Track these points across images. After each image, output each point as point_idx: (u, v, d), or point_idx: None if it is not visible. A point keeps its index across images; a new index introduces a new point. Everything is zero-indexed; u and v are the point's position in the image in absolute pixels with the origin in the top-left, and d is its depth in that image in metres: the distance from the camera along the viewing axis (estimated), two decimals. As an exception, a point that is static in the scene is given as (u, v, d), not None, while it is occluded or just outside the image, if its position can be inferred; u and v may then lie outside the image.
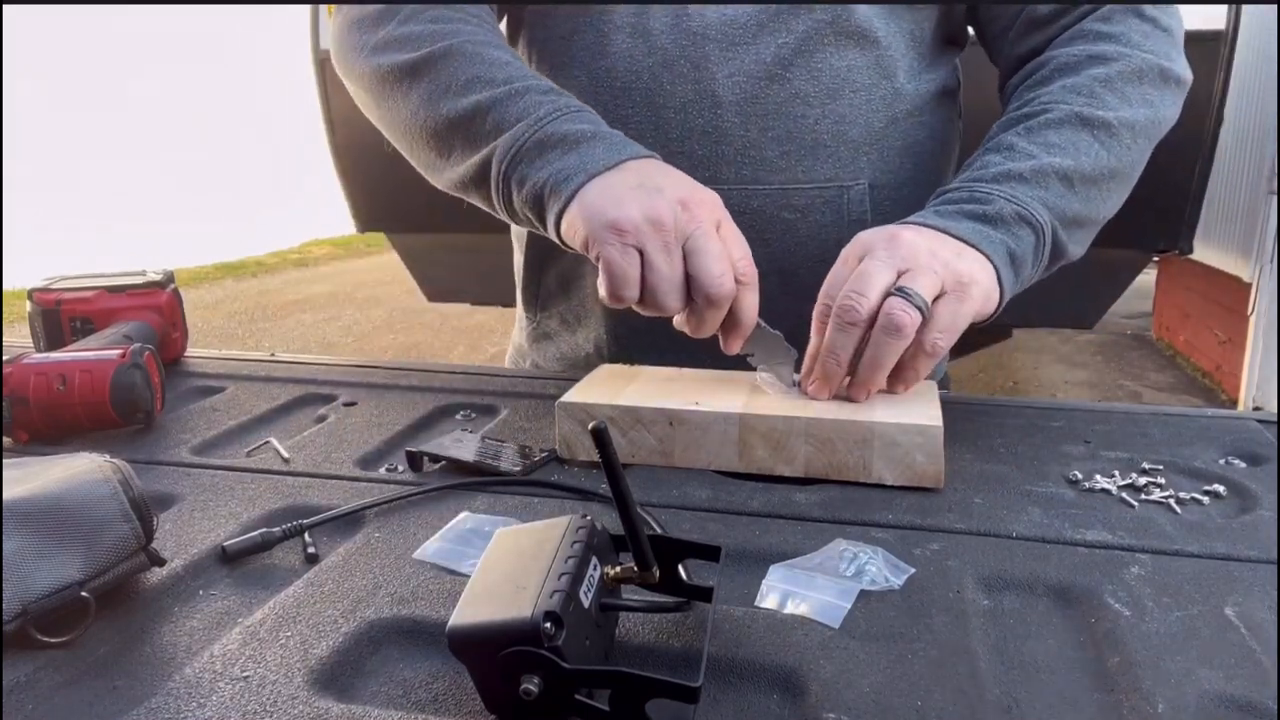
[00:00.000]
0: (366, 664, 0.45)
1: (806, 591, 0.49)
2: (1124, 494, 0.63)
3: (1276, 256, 4.02)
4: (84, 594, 0.46)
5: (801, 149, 0.83)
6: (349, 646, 0.45)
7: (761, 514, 0.60)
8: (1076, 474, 0.66)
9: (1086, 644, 0.46)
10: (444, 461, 0.67)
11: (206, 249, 9.38)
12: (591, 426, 0.41)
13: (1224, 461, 0.69)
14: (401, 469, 0.68)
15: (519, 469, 0.66)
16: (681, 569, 0.46)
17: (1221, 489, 0.64)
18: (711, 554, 0.46)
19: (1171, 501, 0.62)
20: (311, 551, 0.55)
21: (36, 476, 0.50)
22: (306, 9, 2.75)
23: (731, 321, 0.68)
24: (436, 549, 0.55)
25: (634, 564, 0.44)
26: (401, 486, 0.64)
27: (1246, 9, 2.35)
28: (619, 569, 0.45)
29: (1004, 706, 0.41)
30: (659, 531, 0.57)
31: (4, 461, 0.52)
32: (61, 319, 0.90)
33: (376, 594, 0.50)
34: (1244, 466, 0.68)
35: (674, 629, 0.46)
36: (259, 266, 9.53)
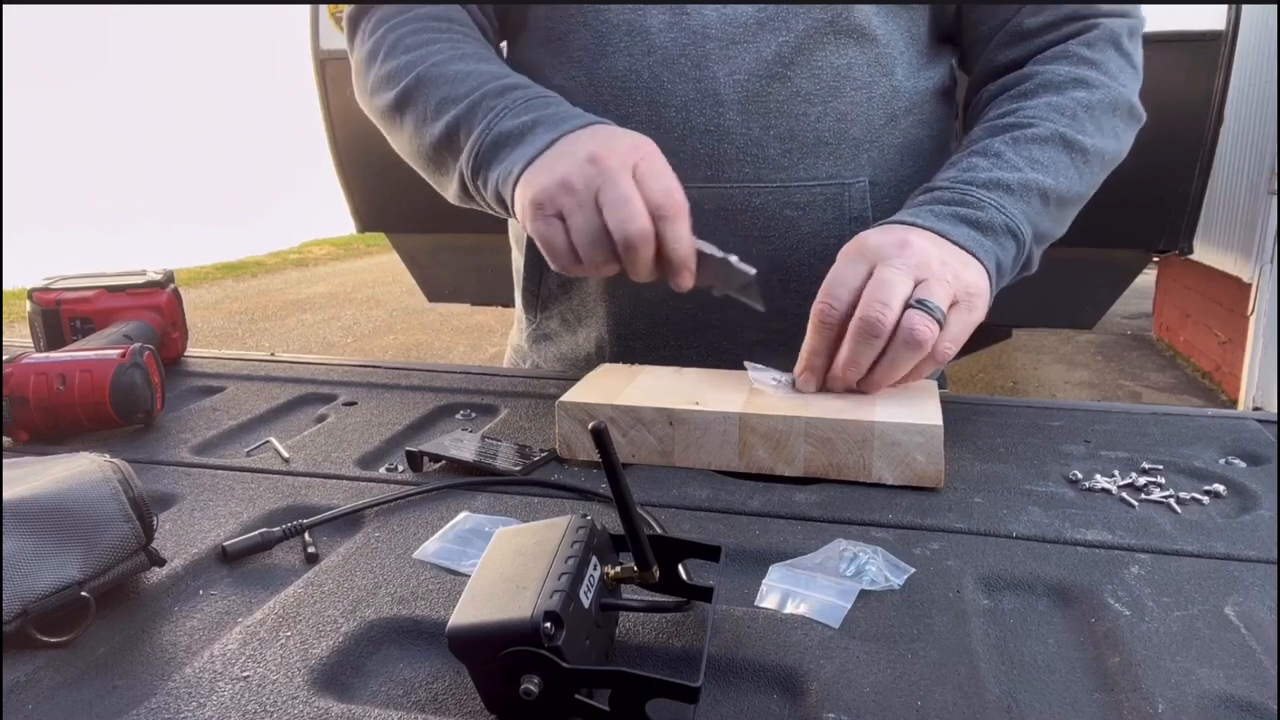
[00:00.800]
0: (366, 664, 0.45)
1: (806, 591, 0.49)
2: (1124, 494, 0.63)
3: (1276, 256, 4.02)
4: (84, 594, 0.46)
5: (803, 147, 0.83)
6: (349, 646, 0.45)
7: (761, 514, 0.60)
8: (1076, 474, 0.66)
9: (1086, 644, 0.46)
10: (444, 461, 0.67)
11: (206, 249, 9.39)
12: (591, 426, 0.41)
13: (1224, 461, 0.69)
14: (401, 469, 0.68)
15: (519, 469, 0.66)
16: (681, 569, 0.46)
17: (1221, 489, 0.64)
18: (711, 554, 0.46)
19: (1171, 501, 0.62)
20: (311, 551, 0.55)
21: (36, 476, 0.50)
22: (306, 9, 2.75)
23: (664, 258, 0.68)
24: (436, 549, 0.55)
25: (634, 564, 0.44)
26: (401, 486, 0.64)
27: (1246, 9, 2.35)
28: (619, 569, 0.45)
29: (1004, 706, 0.41)
30: (659, 531, 0.57)
31: (4, 461, 0.52)
32: (61, 319, 0.90)
33: (376, 594, 0.50)
34: (1244, 466, 0.68)
35: (674, 629, 0.46)
36: (259, 266, 9.53)
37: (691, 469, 0.67)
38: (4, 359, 0.73)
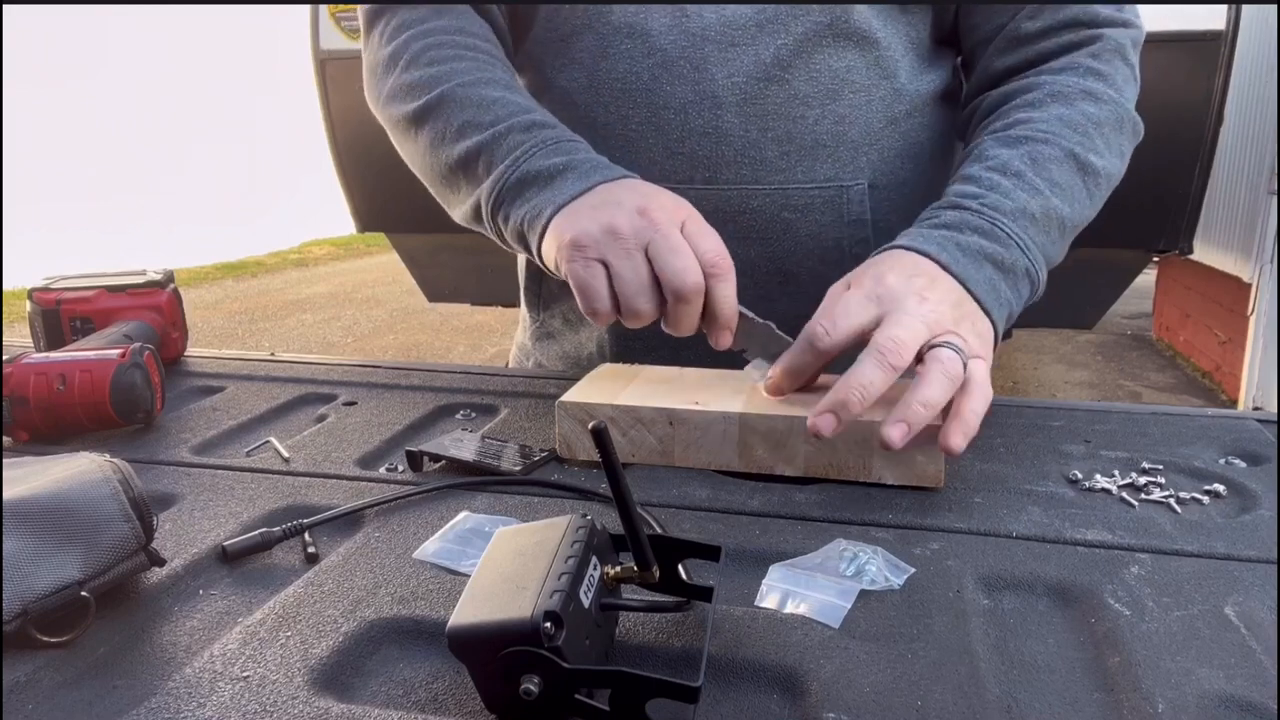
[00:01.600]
0: (366, 664, 0.45)
1: (806, 591, 0.49)
2: (1124, 494, 0.63)
3: (1276, 256, 4.02)
4: (84, 594, 0.46)
5: (801, 149, 0.83)
6: (349, 646, 0.45)
7: (761, 514, 0.60)
8: (1076, 474, 0.66)
9: (1086, 644, 0.46)
10: (444, 461, 0.67)
11: (206, 249, 9.39)
12: (591, 426, 0.41)
13: (1224, 461, 0.69)
14: (401, 469, 0.68)
15: (519, 469, 0.66)
16: (681, 569, 0.46)
17: (1221, 489, 0.64)
18: (711, 554, 0.46)
19: (1171, 501, 0.62)
20: (311, 551, 0.55)
21: (36, 476, 0.50)
22: (306, 9, 2.75)
23: (710, 315, 0.67)
24: (436, 549, 0.55)
25: (634, 564, 0.44)
26: (401, 486, 0.64)
27: (1246, 9, 2.35)
28: (619, 569, 0.45)
29: (1004, 706, 0.41)
30: (659, 531, 0.57)
31: (4, 461, 0.52)
32: (61, 319, 0.90)
33: (376, 594, 0.50)
34: (1244, 466, 0.68)
35: (674, 629, 0.46)
36: (259, 266, 9.53)
37: (691, 469, 0.67)
38: (4, 359, 0.73)
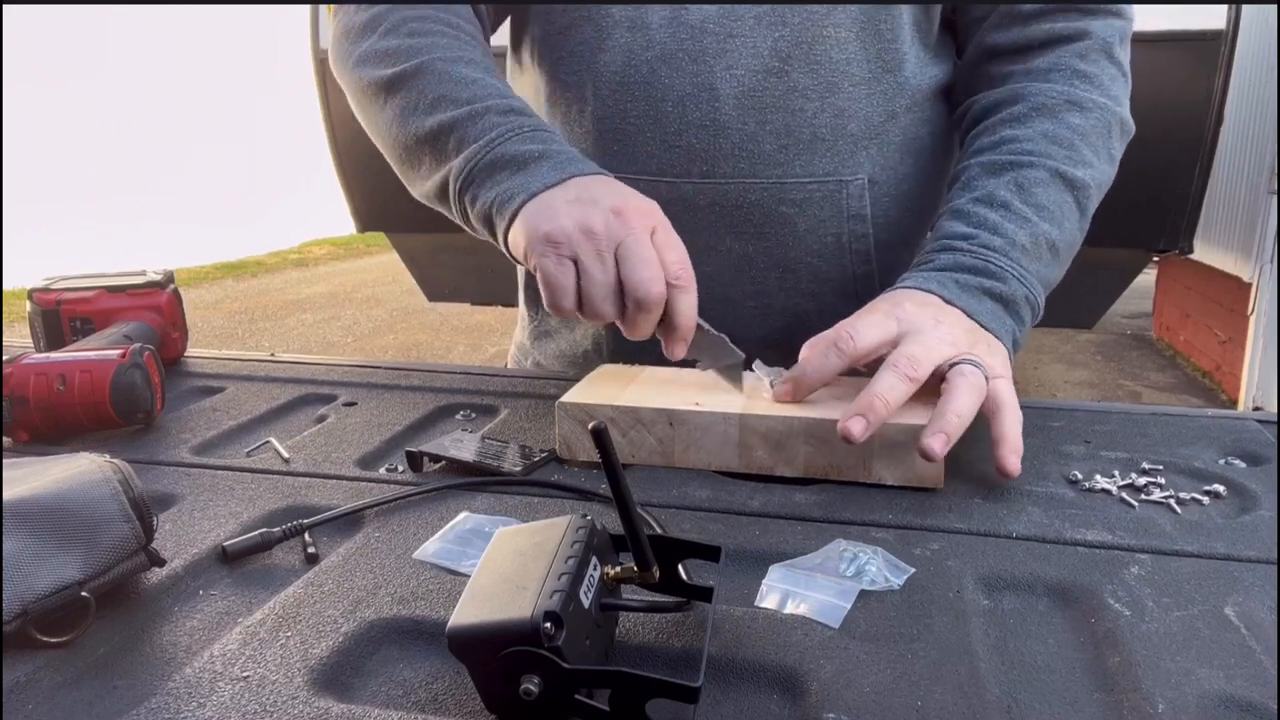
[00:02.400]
0: (366, 664, 0.45)
1: (806, 591, 0.49)
2: (1124, 494, 0.63)
3: (1276, 256, 4.03)
4: (84, 594, 0.46)
5: (799, 143, 0.83)
6: (349, 646, 0.45)
7: (761, 514, 0.60)
8: (1076, 474, 0.66)
9: (1086, 644, 0.46)
10: (444, 461, 0.67)
11: (206, 249, 9.39)
12: (591, 426, 0.41)
13: (1224, 461, 0.69)
14: (401, 469, 0.68)
15: (519, 469, 0.66)
16: (681, 569, 0.46)
17: (1221, 489, 0.64)
18: (711, 554, 0.46)
19: (1171, 501, 0.62)
20: (311, 551, 0.55)
21: (36, 476, 0.50)
22: (306, 9, 2.75)
23: (669, 325, 0.68)
24: (436, 549, 0.55)
25: (634, 564, 0.44)
26: (401, 486, 0.64)
27: (1246, 9, 2.35)
28: (619, 569, 0.45)
29: (1004, 706, 0.41)
30: (659, 531, 0.57)
31: (4, 461, 0.52)
32: (61, 319, 0.90)
33: (376, 594, 0.50)
34: (1244, 466, 0.68)
35: (674, 629, 0.46)
36: (259, 266, 9.54)
37: (691, 469, 0.67)
38: (4, 359, 0.73)
